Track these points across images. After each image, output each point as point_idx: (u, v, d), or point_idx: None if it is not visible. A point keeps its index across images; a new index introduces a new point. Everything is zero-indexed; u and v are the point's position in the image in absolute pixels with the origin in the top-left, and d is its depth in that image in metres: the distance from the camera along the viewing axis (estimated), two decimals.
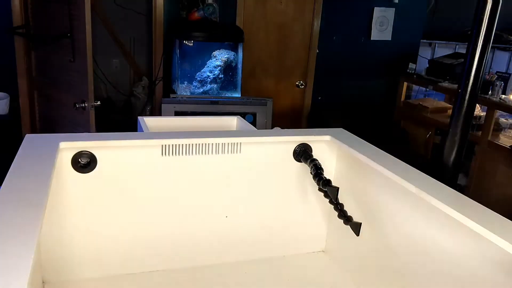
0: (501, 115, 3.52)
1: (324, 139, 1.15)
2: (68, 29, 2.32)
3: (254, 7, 3.65)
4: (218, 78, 3.36)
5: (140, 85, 3.71)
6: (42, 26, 2.71)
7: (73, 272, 1.02)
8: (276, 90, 3.91)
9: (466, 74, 1.41)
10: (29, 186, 0.68)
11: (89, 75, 2.23)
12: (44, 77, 2.79)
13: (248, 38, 3.55)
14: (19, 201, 0.63)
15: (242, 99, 3.14)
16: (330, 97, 4.12)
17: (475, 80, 1.41)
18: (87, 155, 0.93)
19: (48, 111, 2.83)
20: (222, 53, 3.39)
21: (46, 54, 2.70)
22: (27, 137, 0.93)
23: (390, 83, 4.28)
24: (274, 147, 1.13)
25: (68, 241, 1.00)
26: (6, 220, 0.58)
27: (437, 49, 5.10)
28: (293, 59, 3.89)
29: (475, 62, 1.39)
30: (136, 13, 3.66)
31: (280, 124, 1.74)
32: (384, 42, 4.07)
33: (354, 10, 3.92)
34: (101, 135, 0.99)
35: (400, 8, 4.00)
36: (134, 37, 3.77)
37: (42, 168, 0.75)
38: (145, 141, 0.99)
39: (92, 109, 2.28)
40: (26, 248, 0.52)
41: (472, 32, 1.38)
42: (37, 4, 2.74)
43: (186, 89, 3.39)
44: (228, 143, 1.08)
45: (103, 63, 3.70)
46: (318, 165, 1.08)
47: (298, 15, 3.78)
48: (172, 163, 1.04)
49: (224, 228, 1.17)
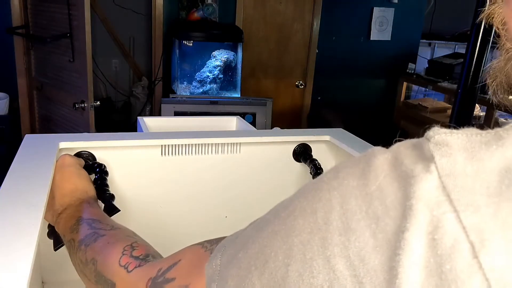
0: (500, 115, 3.53)
1: (324, 139, 1.15)
2: (68, 29, 2.32)
3: (254, 7, 3.65)
4: (217, 78, 3.36)
5: (140, 85, 3.71)
6: (41, 26, 2.71)
7: (73, 272, 1.01)
8: (276, 90, 3.91)
9: (466, 74, 1.41)
10: (29, 186, 0.68)
11: (88, 75, 2.23)
12: (44, 77, 2.79)
13: (247, 38, 3.55)
14: (19, 201, 0.63)
15: (242, 99, 3.14)
16: (330, 97, 4.12)
17: (475, 80, 1.42)
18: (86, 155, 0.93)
19: (48, 111, 2.83)
20: (222, 53, 3.39)
21: (46, 54, 2.70)
22: (27, 137, 0.93)
23: (389, 83, 4.28)
24: (274, 147, 1.13)
25: None
26: (6, 220, 0.58)
27: (437, 49, 5.10)
28: (293, 59, 3.89)
29: (474, 62, 1.39)
30: (135, 13, 3.66)
31: (279, 124, 1.74)
32: (383, 42, 4.07)
33: (353, 10, 3.92)
34: (100, 135, 0.99)
35: (400, 8, 4.00)
36: (134, 37, 3.78)
37: (42, 168, 0.75)
38: (145, 141, 0.99)
39: (92, 109, 2.29)
40: (26, 248, 0.52)
41: (471, 32, 1.38)
42: (36, 4, 2.74)
43: (186, 89, 3.39)
44: (228, 143, 1.08)
45: (103, 63, 3.71)
46: (317, 165, 1.08)
47: (298, 15, 3.78)
48: (172, 163, 1.04)
49: (223, 228, 1.17)
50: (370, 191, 0.25)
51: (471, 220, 0.21)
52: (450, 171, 0.23)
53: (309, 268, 0.26)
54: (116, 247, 0.56)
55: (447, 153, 0.23)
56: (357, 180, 0.26)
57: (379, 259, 0.23)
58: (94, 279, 0.55)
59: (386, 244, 0.23)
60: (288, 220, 0.30)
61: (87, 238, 0.60)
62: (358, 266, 0.24)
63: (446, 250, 0.21)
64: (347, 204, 0.26)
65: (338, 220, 0.26)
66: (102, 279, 0.54)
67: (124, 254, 0.53)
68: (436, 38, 5.06)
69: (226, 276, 0.34)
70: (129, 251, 0.54)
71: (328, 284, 0.25)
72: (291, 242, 0.28)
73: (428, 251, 0.22)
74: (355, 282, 0.24)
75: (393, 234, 0.23)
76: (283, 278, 0.28)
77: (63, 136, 0.93)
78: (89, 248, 0.58)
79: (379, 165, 0.26)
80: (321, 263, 0.26)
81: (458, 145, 0.23)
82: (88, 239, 0.60)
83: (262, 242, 0.31)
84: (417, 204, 0.22)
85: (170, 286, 0.44)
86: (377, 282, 0.23)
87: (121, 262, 0.52)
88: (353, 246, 0.24)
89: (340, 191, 0.27)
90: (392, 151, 0.27)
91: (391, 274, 0.23)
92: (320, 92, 4.06)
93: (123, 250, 0.54)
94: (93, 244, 0.58)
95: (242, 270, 0.32)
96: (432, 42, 5.09)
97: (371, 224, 0.24)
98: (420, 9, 4.18)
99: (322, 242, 0.26)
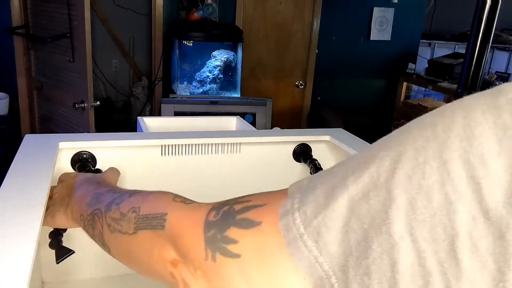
0: None
1: (324, 139, 1.15)
2: (68, 29, 2.32)
3: (254, 7, 3.65)
4: (217, 78, 3.36)
5: (140, 85, 3.71)
6: (41, 26, 2.71)
7: (73, 272, 1.02)
8: (276, 90, 3.91)
9: (466, 74, 1.41)
10: (28, 186, 0.68)
11: (88, 75, 2.23)
12: (44, 77, 2.79)
13: (247, 38, 3.55)
14: (19, 201, 0.63)
15: (242, 99, 3.14)
16: (330, 97, 4.12)
17: (474, 80, 1.41)
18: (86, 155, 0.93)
19: (48, 111, 2.83)
20: (222, 53, 3.39)
21: (46, 54, 2.70)
22: (27, 137, 0.93)
23: (389, 83, 4.28)
24: (274, 147, 1.13)
25: (68, 241, 1.00)
26: (6, 220, 0.58)
27: (437, 49, 5.10)
28: (293, 59, 3.89)
29: (474, 62, 1.39)
30: (135, 13, 3.66)
31: (279, 124, 1.74)
32: (383, 42, 4.07)
33: (353, 10, 3.92)
34: (100, 135, 0.99)
35: (400, 8, 4.00)
36: (134, 37, 3.78)
37: (42, 168, 0.75)
38: (145, 141, 0.99)
39: (92, 109, 2.29)
40: (26, 248, 0.52)
41: (471, 32, 1.38)
42: (36, 4, 2.74)
43: (186, 89, 3.39)
44: (228, 143, 1.08)
45: (103, 63, 3.71)
46: (317, 165, 1.08)
47: (298, 15, 3.78)
48: (172, 163, 1.04)
49: None
50: (499, 105, 0.25)
51: None
52: None
53: (421, 171, 0.26)
54: (164, 194, 0.50)
55: None
56: (484, 98, 0.26)
57: (503, 162, 0.23)
58: (134, 226, 0.48)
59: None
60: (402, 134, 0.29)
61: (117, 199, 0.54)
62: (477, 168, 0.24)
63: None
64: (472, 115, 0.26)
65: (461, 129, 0.26)
66: (147, 220, 0.47)
67: (177, 197, 0.48)
68: (436, 38, 5.06)
69: (314, 185, 0.32)
70: (182, 198, 0.48)
71: (439, 184, 0.25)
72: (403, 150, 0.27)
73: None
74: (471, 183, 0.24)
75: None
76: (387, 180, 0.27)
77: (63, 136, 0.93)
78: (124, 203, 0.52)
79: (509, 88, 0.26)
80: (435, 166, 0.25)
81: None
82: (119, 199, 0.54)
83: (366, 154, 0.30)
84: None
85: (243, 205, 0.38)
86: (498, 183, 0.23)
87: (175, 200, 0.47)
88: (475, 151, 0.24)
89: (465, 107, 0.26)
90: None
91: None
92: (320, 92, 4.06)
93: (175, 196, 0.49)
94: (128, 199, 0.52)
95: (336, 178, 0.31)
96: (432, 42, 5.09)
97: (498, 133, 0.24)
98: (420, 9, 4.18)
99: (440, 147, 0.26)
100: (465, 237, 0.24)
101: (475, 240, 0.23)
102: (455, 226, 0.24)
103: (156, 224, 0.45)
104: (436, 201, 0.25)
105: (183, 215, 0.44)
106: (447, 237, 0.24)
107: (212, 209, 0.41)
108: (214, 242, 0.37)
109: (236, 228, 0.36)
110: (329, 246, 0.29)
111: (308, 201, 0.32)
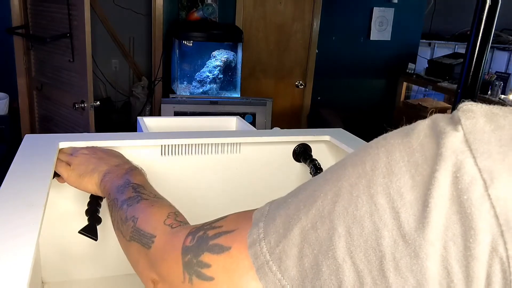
0: None
1: (324, 139, 1.15)
2: (68, 29, 2.32)
3: (254, 7, 3.65)
4: (217, 78, 3.36)
5: (140, 85, 3.71)
6: (41, 26, 2.71)
7: (73, 272, 1.02)
8: (276, 90, 3.91)
9: (465, 74, 1.41)
10: (29, 186, 0.68)
11: (88, 75, 2.23)
12: (44, 77, 2.79)
13: (247, 38, 3.55)
14: (19, 201, 0.63)
15: (242, 99, 3.14)
16: (330, 97, 4.12)
17: (474, 80, 1.41)
18: None
19: (48, 111, 2.83)
20: (222, 53, 3.39)
21: (46, 54, 2.70)
22: (27, 137, 0.93)
23: (389, 83, 4.28)
24: (274, 147, 1.13)
25: (68, 241, 1.00)
26: (6, 220, 0.58)
27: (437, 49, 5.10)
28: (293, 59, 3.90)
29: (474, 62, 1.39)
30: (135, 13, 3.66)
31: (279, 124, 1.74)
32: (383, 42, 4.07)
33: (353, 10, 3.92)
34: (100, 135, 0.99)
35: (400, 8, 4.00)
36: (134, 37, 3.78)
37: (42, 168, 0.75)
38: (145, 141, 0.99)
39: (92, 109, 2.29)
40: (26, 248, 0.52)
41: (471, 32, 1.38)
42: (36, 4, 2.74)
43: (186, 89, 3.39)
44: (228, 143, 1.08)
45: (103, 63, 3.71)
46: (317, 165, 1.08)
47: (298, 15, 3.78)
48: (172, 163, 1.04)
49: None
50: (413, 146, 0.31)
51: (485, 163, 0.27)
52: (472, 129, 0.29)
53: (355, 203, 0.31)
54: (161, 210, 0.58)
55: (471, 117, 0.29)
56: (401, 138, 0.32)
57: (415, 195, 0.29)
58: (130, 235, 0.56)
59: (422, 184, 0.29)
60: (339, 170, 0.35)
61: (130, 200, 0.63)
62: (396, 200, 0.29)
63: (465, 185, 0.27)
64: (392, 155, 0.31)
65: (383, 167, 0.31)
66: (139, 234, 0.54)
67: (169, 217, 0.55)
68: (436, 38, 5.06)
69: (274, 215, 0.38)
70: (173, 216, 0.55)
71: (368, 214, 0.30)
72: (340, 185, 0.33)
73: (451, 185, 0.28)
74: (392, 212, 0.29)
75: (428, 176, 0.29)
76: (330, 212, 0.33)
77: (63, 136, 0.93)
78: (131, 208, 0.60)
79: (421, 128, 0.32)
80: (365, 199, 0.31)
81: (480, 112, 0.29)
82: (131, 201, 0.62)
83: (313, 188, 0.36)
84: (446, 152, 0.29)
85: (215, 231, 0.43)
86: (411, 212, 0.29)
87: (166, 222, 0.54)
88: (394, 186, 0.30)
89: (387, 147, 0.32)
90: (431, 118, 0.33)
91: (423, 205, 0.28)
92: (320, 92, 4.06)
93: (168, 214, 0.56)
94: (135, 205, 0.61)
95: (290, 210, 0.36)
96: (432, 42, 5.09)
97: (411, 170, 0.30)
98: (420, 9, 4.18)
99: (368, 183, 0.31)
100: (389, 258, 0.29)
101: (397, 260, 0.29)
102: (382, 249, 0.29)
103: (145, 242, 0.53)
104: (367, 229, 0.30)
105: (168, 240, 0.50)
106: (377, 258, 0.30)
107: (189, 234, 0.46)
108: (190, 266, 0.43)
109: (209, 253, 0.41)
110: (289, 270, 0.34)
111: (271, 231, 0.37)
